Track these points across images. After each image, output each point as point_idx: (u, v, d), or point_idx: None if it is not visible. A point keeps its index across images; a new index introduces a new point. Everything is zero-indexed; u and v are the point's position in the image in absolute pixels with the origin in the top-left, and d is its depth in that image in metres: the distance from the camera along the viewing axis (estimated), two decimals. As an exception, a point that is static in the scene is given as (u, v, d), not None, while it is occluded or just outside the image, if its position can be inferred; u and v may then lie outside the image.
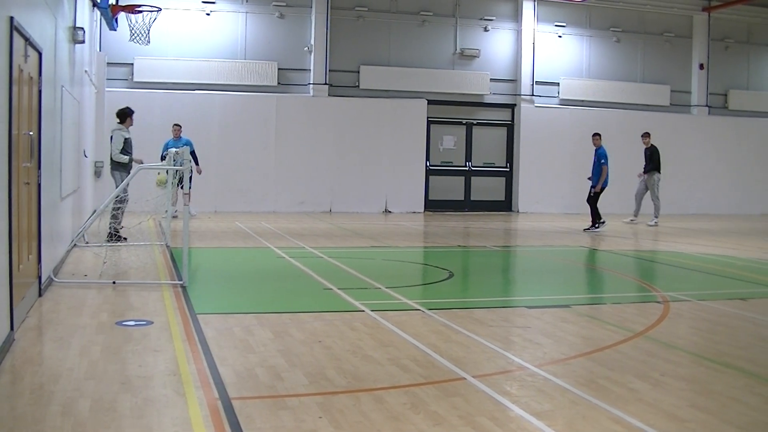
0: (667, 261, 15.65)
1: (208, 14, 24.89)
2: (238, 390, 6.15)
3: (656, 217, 23.59)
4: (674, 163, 28.85)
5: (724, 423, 5.64)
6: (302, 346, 7.63)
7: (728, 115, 30.76)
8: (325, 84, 25.61)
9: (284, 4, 25.46)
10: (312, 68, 25.58)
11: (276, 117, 24.90)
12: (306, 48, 25.55)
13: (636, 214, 23.86)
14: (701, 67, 30.12)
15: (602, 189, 21.36)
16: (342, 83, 26.08)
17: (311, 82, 25.60)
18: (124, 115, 15.95)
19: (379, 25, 26.52)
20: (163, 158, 20.07)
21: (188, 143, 20.09)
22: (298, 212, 24.74)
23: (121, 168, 15.78)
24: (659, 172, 23.57)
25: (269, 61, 25.19)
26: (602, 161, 21.15)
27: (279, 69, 25.29)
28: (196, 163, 20.89)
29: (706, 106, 30.29)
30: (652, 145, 23.59)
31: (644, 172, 23.61)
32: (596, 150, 21.46)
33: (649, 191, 23.65)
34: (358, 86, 26.19)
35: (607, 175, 21.43)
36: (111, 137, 16.07)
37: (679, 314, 9.85)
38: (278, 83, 25.27)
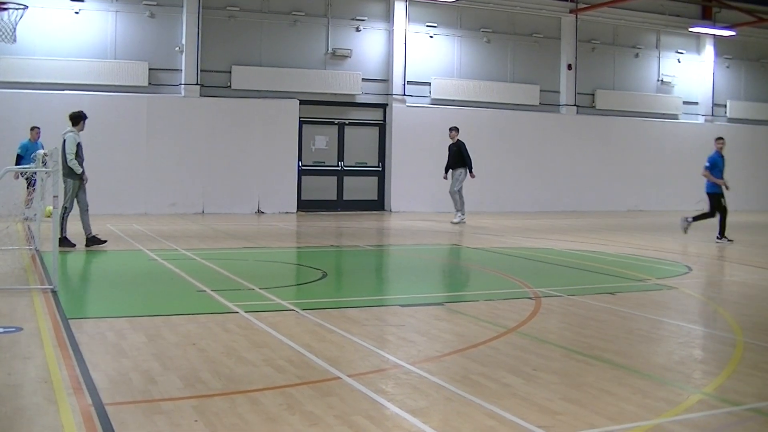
0: (538, 257, 16.25)
1: (77, 12, 25.09)
2: (112, 395, 6.15)
3: (461, 213, 23.84)
4: (542, 161, 30.97)
5: (595, 414, 5.90)
6: (176, 349, 7.68)
7: (595, 114, 32.84)
8: (197, 84, 26.12)
9: (155, 3, 25.87)
10: (183, 68, 26.05)
11: (147, 118, 25.22)
12: (177, 48, 26.04)
13: (462, 212, 23.95)
14: (569, 67, 32.07)
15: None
16: (214, 83, 26.64)
17: (182, 83, 26.07)
18: (78, 118, 15.92)
19: (251, 25, 27.23)
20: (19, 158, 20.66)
21: (41, 147, 20.06)
22: (170, 214, 25.06)
23: (74, 175, 15.61)
24: (465, 167, 23.80)
25: (140, 61, 25.59)
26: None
27: (150, 69, 25.69)
28: None
29: (574, 105, 32.28)
30: (458, 140, 24.01)
31: (452, 168, 23.92)
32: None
33: (453, 185, 23.83)
34: (230, 86, 26.79)
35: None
36: (63, 141, 15.59)
37: (550, 309, 10.20)
38: (149, 83, 25.67)
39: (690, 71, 35.27)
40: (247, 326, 8.84)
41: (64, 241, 15.40)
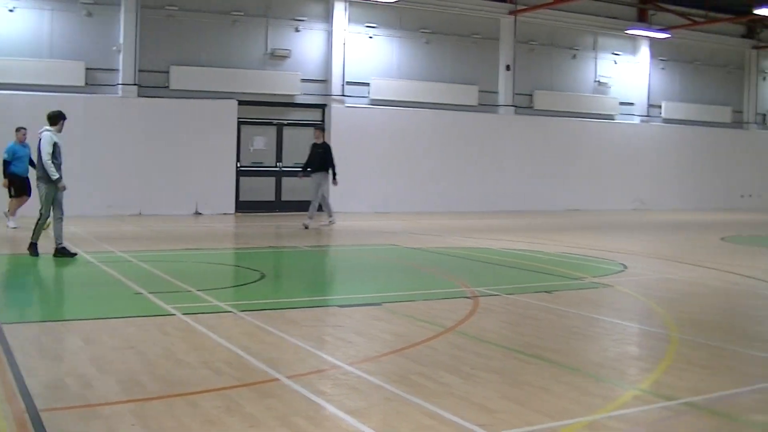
0: (476, 257, 16.39)
1: (11, 10, 24.65)
2: (47, 401, 6.06)
3: (330, 216, 23.09)
4: (481, 161, 31.21)
5: (533, 412, 5.98)
6: (113, 353, 7.62)
7: (533, 114, 33.11)
8: (135, 84, 25.84)
9: (92, 2, 25.49)
10: (121, 68, 25.74)
11: (84, 118, 24.61)
12: (115, 47, 25.73)
13: (330, 214, 23.15)
14: (508, 68, 32.27)
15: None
16: (152, 84, 26.32)
17: (120, 83, 25.76)
18: (57, 118, 14.86)
19: (190, 25, 27.01)
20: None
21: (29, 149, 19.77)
22: (107, 215, 24.60)
23: (49, 179, 14.57)
24: (327, 171, 22.67)
25: (76, 61, 25.20)
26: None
27: (86, 69, 25.31)
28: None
29: (513, 105, 32.49)
30: (324, 142, 23.00)
31: (313, 171, 22.63)
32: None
33: (315, 190, 22.68)
34: (168, 87, 26.50)
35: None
36: (39, 140, 14.69)
37: (488, 308, 10.28)
38: (86, 83, 25.29)
39: (626, 72, 35.73)
40: (185, 328, 8.80)
41: (32, 248, 14.77)
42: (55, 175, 14.50)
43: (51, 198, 14.67)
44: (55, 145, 14.61)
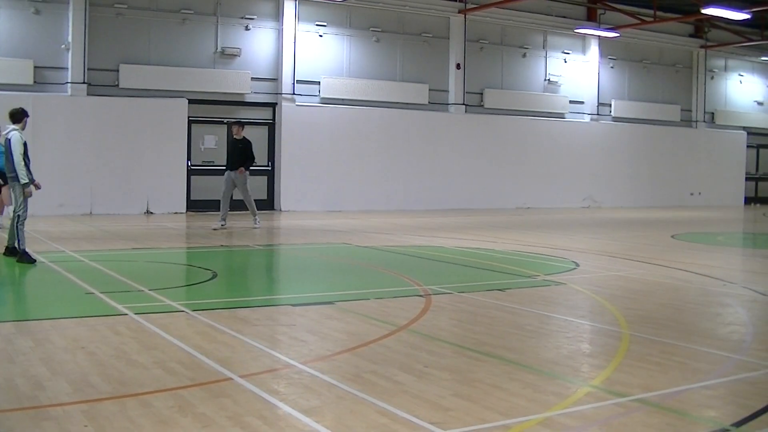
0: (428, 255, 16.39)
1: None
2: None
3: (255, 216, 22.03)
4: (432, 159, 31.38)
5: (486, 409, 5.98)
6: (65, 353, 7.54)
7: (484, 113, 33.35)
8: (84, 83, 25.70)
9: None
10: (70, 66, 25.59)
11: (32, 117, 23.53)
12: (63, 45, 25.58)
13: (255, 214, 22.06)
14: (458, 66, 32.46)
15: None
16: (101, 82, 26.17)
17: (69, 81, 25.60)
18: (20, 115, 14.16)
19: (140, 23, 26.89)
20: None
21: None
22: (57, 215, 24.41)
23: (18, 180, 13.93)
24: (248, 168, 21.79)
25: (24, 59, 25.03)
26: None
27: (35, 67, 25.14)
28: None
29: (463, 104, 32.69)
30: (244, 137, 21.82)
31: (232, 168, 21.45)
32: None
33: (240, 189, 21.70)
34: (118, 85, 26.38)
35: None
36: (8, 140, 13.97)
37: (441, 307, 10.29)
38: (34, 82, 25.12)
39: (576, 71, 36.06)
40: (137, 328, 8.74)
41: (24, 256, 13.89)
42: (24, 180, 13.84)
43: (25, 198, 14.02)
44: (24, 145, 13.92)
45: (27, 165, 13.96)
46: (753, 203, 42.48)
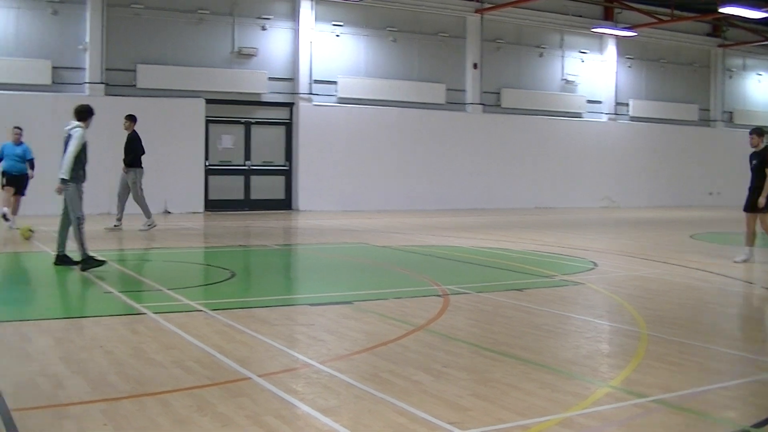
0: (446, 255, 16.37)
1: None
2: (17, 401, 6.00)
3: (148, 218, 20.56)
4: (449, 159, 31.32)
5: (504, 409, 5.95)
6: (84, 352, 7.53)
7: (501, 112, 33.33)
8: (102, 83, 25.81)
9: (58, 0, 25.49)
10: (87, 67, 25.71)
11: (51, 117, 24.30)
12: (81, 46, 25.70)
13: (149, 215, 20.68)
14: (475, 66, 32.50)
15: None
16: (119, 82, 26.27)
17: (87, 81, 25.71)
18: (86, 113, 13.59)
19: (156, 23, 27.00)
20: None
21: (26, 150, 19.85)
22: None
23: (78, 179, 13.27)
24: (141, 166, 20.85)
25: (42, 59, 25.13)
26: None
27: (53, 67, 25.25)
28: (32, 168, 20.37)
29: (480, 104, 32.69)
30: (134, 131, 20.89)
31: (126, 165, 20.66)
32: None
33: (131, 188, 20.66)
34: (135, 85, 26.47)
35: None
36: (68, 137, 13.34)
37: (459, 306, 10.26)
38: (53, 82, 25.24)
39: (593, 71, 35.99)
40: (156, 328, 8.73)
41: (90, 261, 12.96)
42: (63, 175, 13.05)
43: (81, 198, 13.28)
44: (84, 145, 13.19)
45: (82, 164, 13.21)
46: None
